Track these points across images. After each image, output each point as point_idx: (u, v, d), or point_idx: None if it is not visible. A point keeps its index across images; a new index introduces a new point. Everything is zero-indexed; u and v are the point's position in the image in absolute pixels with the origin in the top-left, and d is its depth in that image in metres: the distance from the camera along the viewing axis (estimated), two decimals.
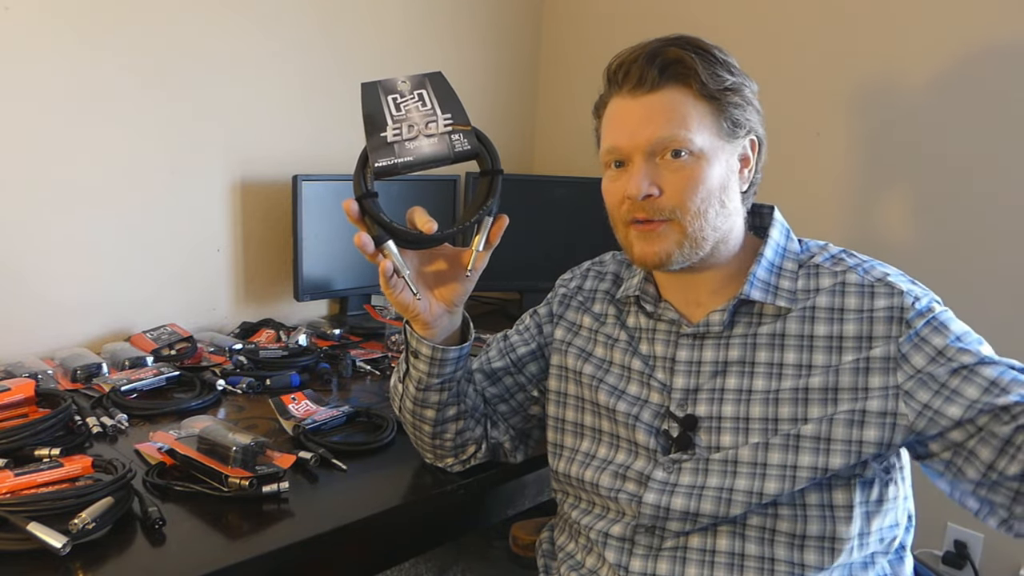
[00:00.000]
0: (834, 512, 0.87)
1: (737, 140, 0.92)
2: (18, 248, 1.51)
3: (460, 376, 1.02)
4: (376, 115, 0.87)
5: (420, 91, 0.89)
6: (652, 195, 0.89)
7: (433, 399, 1.02)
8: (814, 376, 0.88)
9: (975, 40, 1.62)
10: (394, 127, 0.87)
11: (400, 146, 0.87)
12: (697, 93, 0.89)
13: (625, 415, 0.97)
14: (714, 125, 0.90)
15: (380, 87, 0.89)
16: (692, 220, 0.89)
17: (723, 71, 0.90)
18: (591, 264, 1.13)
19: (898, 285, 0.88)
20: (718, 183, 0.90)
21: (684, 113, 0.88)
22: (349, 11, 1.94)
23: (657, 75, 0.88)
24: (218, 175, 1.78)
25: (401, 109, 0.88)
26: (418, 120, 0.88)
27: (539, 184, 2.20)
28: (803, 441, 0.87)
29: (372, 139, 0.87)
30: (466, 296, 0.99)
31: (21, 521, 0.87)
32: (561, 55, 2.40)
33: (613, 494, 0.96)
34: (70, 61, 1.52)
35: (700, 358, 0.95)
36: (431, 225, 0.90)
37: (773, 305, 0.92)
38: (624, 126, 0.91)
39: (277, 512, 1.01)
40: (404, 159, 0.87)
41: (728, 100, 0.90)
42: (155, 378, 1.41)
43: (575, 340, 1.06)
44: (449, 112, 0.89)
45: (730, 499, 0.88)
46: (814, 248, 0.97)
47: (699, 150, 0.89)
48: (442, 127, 0.89)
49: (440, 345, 0.98)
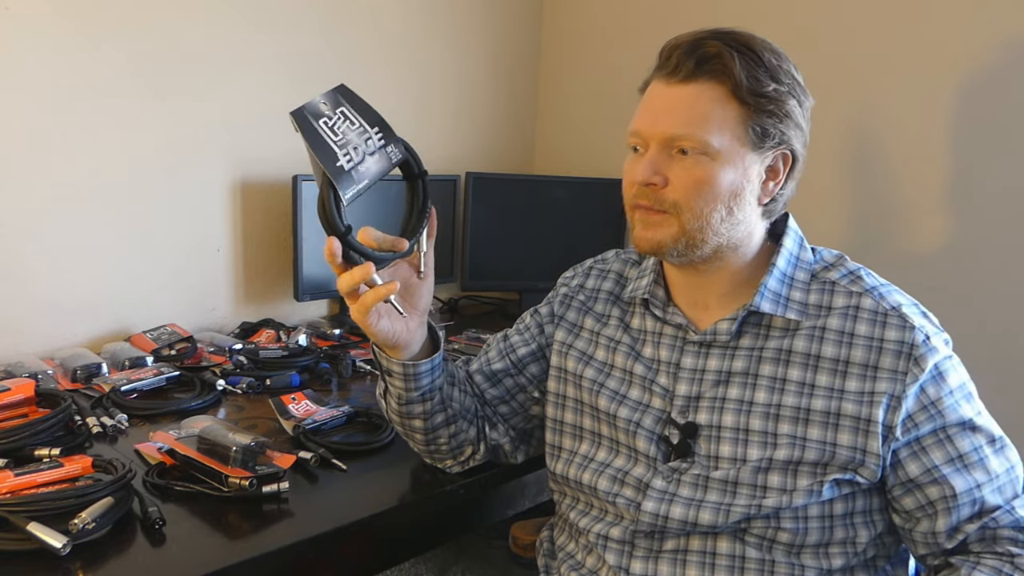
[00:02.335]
0: (833, 522, 0.87)
1: (764, 150, 0.88)
2: (18, 248, 1.51)
3: (440, 384, 1.01)
4: (322, 144, 0.84)
5: (340, 109, 0.87)
6: (655, 184, 0.88)
7: (417, 410, 1.02)
8: (816, 398, 0.87)
9: (975, 40, 1.62)
10: (344, 153, 0.85)
11: (356, 171, 0.86)
12: (729, 93, 0.86)
13: (626, 421, 0.96)
14: (738, 129, 0.86)
15: (307, 113, 0.85)
16: (691, 219, 0.88)
17: (766, 76, 0.86)
18: (594, 262, 1.12)
19: (911, 319, 0.87)
20: (728, 188, 0.88)
21: (707, 111, 0.86)
22: (349, 11, 1.94)
23: (693, 67, 0.86)
24: (218, 175, 1.78)
25: (337, 132, 0.86)
26: (357, 140, 0.87)
27: (539, 184, 2.20)
28: (802, 467, 0.87)
29: (332, 170, 0.84)
30: (431, 299, 0.99)
31: (21, 521, 0.87)
32: (561, 55, 2.40)
33: (611, 497, 0.95)
34: (70, 61, 1.52)
35: (705, 366, 0.94)
36: (404, 242, 0.90)
37: (782, 318, 0.91)
38: (649, 112, 0.90)
39: (277, 512, 1.01)
40: (363, 183, 0.86)
41: (762, 107, 0.86)
42: (155, 378, 1.41)
43: (576, 343, 1.05)
44: (375, 125, 0.88)
45: (729, 511, 0.88)
46: (829, 258, 0.95)
47: (714, 151, 0.86)
48: (377, 142, 0.88)
49: (410, 361, 0.97)
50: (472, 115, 2.29)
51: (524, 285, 2.15)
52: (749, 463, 0.88)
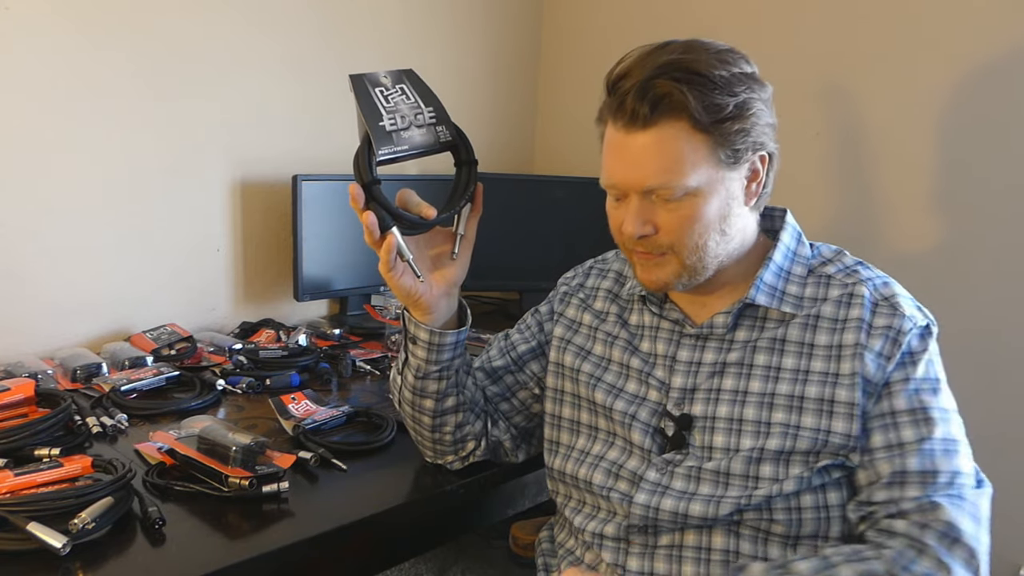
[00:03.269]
0: (829, 512, 0.88)
1: (739, 165, 0.88)
2: (18, 248, 1.51)
3: (458, 365, 1.03)
4: (371, 106, 0.92)
5: (400, 85, 0.96)
6: (647, 235, 0.89)
7: (431, 388, 1.02)
8: (811, 384, 0.88)
9: (975, 39, 1.62)
10: (389, 117, 0.92)
11: (397, 135, 0.93)
12: (691, 127, 0.84)
13: (622, 414, 0.97)
14: (711, 157, 0.86)
15: (366, 79, 0.93)
16: (690, 254, 0.89)
17: (722, 96, 0.84)
18: (594, 262, 1.13)
19: (902, 308, 0.89)
20: (716, 215, 0.88)
21: (676, 154, 0.85)
22: (349, 11, 1.94)
23: (648, 112, 0.84)
24: (218, 175, 1.78)
25: (390, 101, 0.94)
26: (407, 112, 0.94)
27: (539, 184, 2.20)
28: (795, 456, 0.87)
29: (373, 128, 0.91)
30: (462, 277, 1.01)
31: (21, 521, 0.87)
32: (561, 55, 2.40)
33: (605, 492, 0.96)
34: (70, 61, 1.52)
35: (700, 359, 0.95)
36: (431, 211, 0.95)
37: (778, 310, 0.92)
38: (618, 163, 0.89)
39: (277, 512, 1.01)
40: (402, 148, 0.93)
41: (728, 131, 0.85)
42: (155, 378, 1.41)
43: (574, 338, 1.06)
44: (431, 106, 0.96)
45: (719, 503, 0.88)
46: (827, 254, 0.96)
47: (695, 188, 0.86)
48: (427, 119, 0.95)
49: (438, 329, 0.99)
50: (472, 115, 2.29)
51: (524, 285, 2.15)
52: (741, 452, 0.89)
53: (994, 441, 1.57)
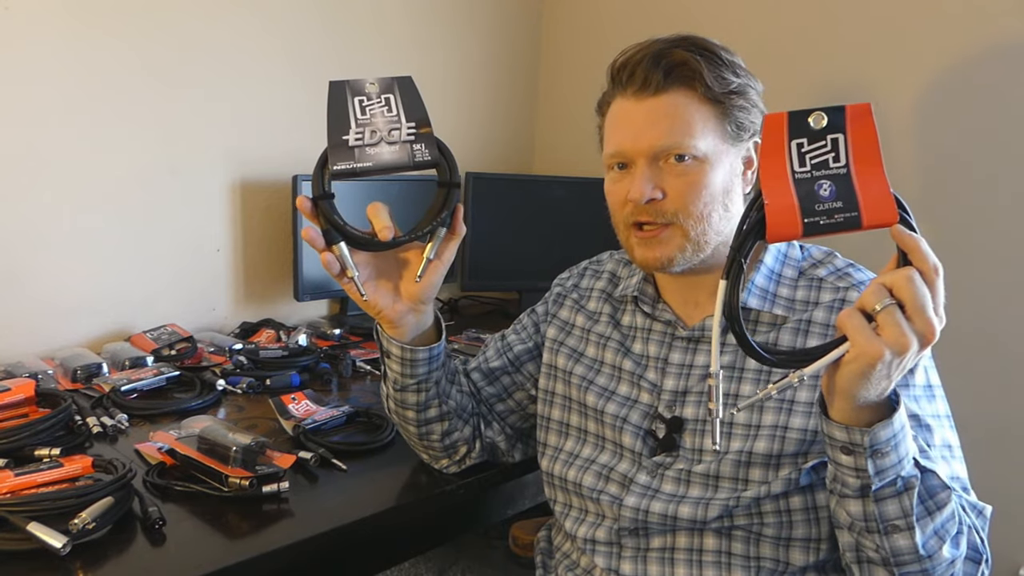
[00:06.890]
0: (818, 513, 0.88)
1: (741, 143, 0.92)
2: (18, 248, 1.51)
3: (438, 377, 1.01)
4: (340, 116, 0.87)
5: (387, 95, 0.88)
6: (655, 199, 0.89)
7: (411, 400, 1.01)
8: (801, 389, 0.88)
9: (975, 39, 1.62)
10: (356, 131, 0.87)
11: (360, 151, 0.87)
12: (702, 96, 0.88)
13: (613, 417, 0.97)
14: (718, 128, 0.89)
15: (348, 87, 0.88)
16: (695, 224, 0.89)
17: (728, 73, 0.89)
18: (588, 263, 1.13)
19: None
20: (721, 187, 0.90)
21: (688, 118, 0.88)
22: (350, 11, 1.94)
23: (662, 78, 0.88)
24: (218, 175, 1.78)
25: (366, 113, 0.87)
26: (381, 126, 0.88)
27: (539, 184, 2.20)
28: (783, 459, 0.87)
29: (333, 140, 0.87)
30: (431, 296, 0.96)
31: (21, 521, 0.87)
32: (561, 55, 2.40)
33: (595, 495, 0.96)
34: (69, 61, 1.52)
35: (692, 361, 0.95)
36: (387, 232, 0.89)
37: (770, 313, 0.92)
38: (628, 129, 0.91)
39: (277, 512, 1.01)
40: (363, 164, 0.87)
41: (733, 103, 0.89)
42: (155, 378, 1.41)
43: (567, 340, 1.06)
44: (413, 121, 0.88)
45: (708, 505, 0.88)
46: (817, 255, 0.96)
47: (703, 154, 0.88)
48: (405, 135, 0.88)
49: (409, 345, 0.97)
50: (472, 115, 2.29)
51: (524, 285, 2.15)
52: (730, 455, 0.88)
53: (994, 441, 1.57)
